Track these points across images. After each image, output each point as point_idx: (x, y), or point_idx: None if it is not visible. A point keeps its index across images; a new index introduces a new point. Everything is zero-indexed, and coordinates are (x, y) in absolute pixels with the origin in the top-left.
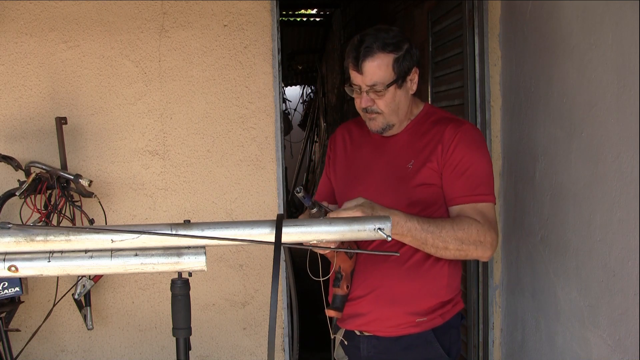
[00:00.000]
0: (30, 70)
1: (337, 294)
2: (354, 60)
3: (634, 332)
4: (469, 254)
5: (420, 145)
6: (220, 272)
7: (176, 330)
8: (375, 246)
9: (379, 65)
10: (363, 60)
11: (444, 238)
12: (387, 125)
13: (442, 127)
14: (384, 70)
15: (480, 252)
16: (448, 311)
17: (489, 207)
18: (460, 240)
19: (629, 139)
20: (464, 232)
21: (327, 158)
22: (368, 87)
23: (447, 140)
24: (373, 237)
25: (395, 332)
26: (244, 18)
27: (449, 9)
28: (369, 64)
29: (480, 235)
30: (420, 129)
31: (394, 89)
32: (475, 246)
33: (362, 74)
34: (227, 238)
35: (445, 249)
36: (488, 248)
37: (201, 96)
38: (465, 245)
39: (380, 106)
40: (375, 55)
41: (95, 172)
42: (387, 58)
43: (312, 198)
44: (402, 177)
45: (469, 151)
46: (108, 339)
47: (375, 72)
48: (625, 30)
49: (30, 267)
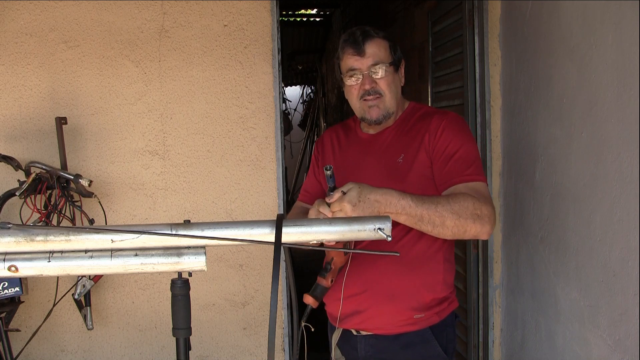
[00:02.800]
0: (30, 70)
1: (320, 284)
2: (353, 45)
3: (634, 332)
4: (468, 229)
5: (407, 139)
6: (220, 272)
7: (176, 330)
8: (374, 245)
9: (378, 47)
10: (364, 42)
11: (440, 213)
12: (387, 112)
13: (428, 118)
14: (383, 51)
15: (479, 227)
16: (444, 309)
17: (482, 185)
18: (457, 213)
19: (629, 139)
20: (460, 205)
21: (315, 160)
22: (370, 67)
23: (434, 129)
24: (373, 237)
25: (393, 330)
26: (244, 18)
27: (449, 9)
28: (370, 45)
29: (476, 207)
30: (406, 125)
31: (392, 72)
32: (473, 220)
33: (363, 55)
34: (227, 238)
35: (442, 224)
36: (486, 222)
37: (201, 96)
38: (463, 220)
39: (383, 86)
40: (374, 38)
41: (95, 172)
42: (383, 42)
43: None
44: (394, 171)
45: (455, 136)
46: (108, 339)
47: (377, 52)
48: (625, 30)
49: (30, 267)
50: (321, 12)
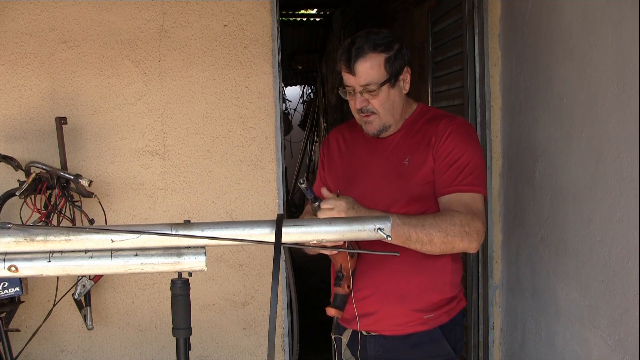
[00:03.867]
0: (30, 70)
1: (338, 293)
2: (346, 62)
3: (634, 332)
4: (455, 245)
5: (414, 141)
6: (220, 272)
7: (176, 330)
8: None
9: (371, 65)
10: (355, 61)
11: (428, 231)
12: (383, 127)
13: (436, 122)
14: (376, 70)
15: (467, 243)
16: (453, 308)
17: (475, 197)
18: (444, 231)
19: (629, 139)
20: (447, 223)
21: (321, 162)
22: (362, 87)
23: (440, 132)
24: (373, 237)
25: (403, 331)
26: (244, 18)
27: (449, 9)
28: (361, 64)
29: (464, 225)
30: (414, 127)
31: (387, 88)
32: (461, 237)
33: (354, 75)
34: (227, 238)
35: (430, 242)
36: (474, 239)
37: (201, 96)
38: (450, 237)
39: (375, 106)
40: (367, 56)
41: (95, 172)
42: (378, 58)
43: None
44: (400, 174)
45: (460, 143)
46: (108, 339)
47: (368, 72)
48: (625, 30)
49: (30, 267)
50: (321, 12)
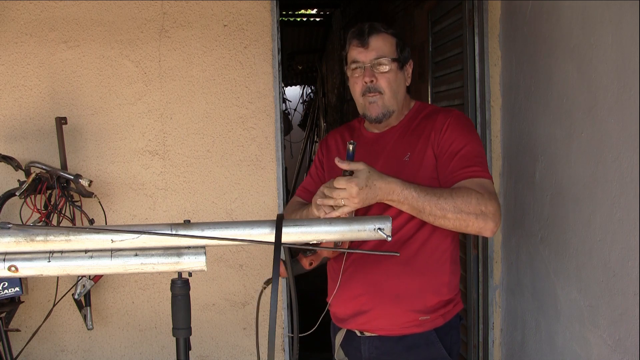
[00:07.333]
0: (30, 70)
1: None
2: (359, 37)
3: (634, 332)
4: (470, 224)
5: (413, 138)
6: (220, 272)
7: (176, 330)
8: (376, 245)
9: (384, 41)
10: (369, 35)
11: (442, 206)
12: (386, 111)
13: (434, 117)
14: (389, 46)
15: (482, 223)
16: (449, 311)
17: (487, 181)
18: (459, 208)
19: (629, 139)
20: (463, 199)
21: (318, 162)
22: (374, 60)
23: (439, 126)
24: (373, 237)
25: (398, 332)
26: (244, 18)
27: (449, 9)
28: (375, 38)
29: (480, 204)
30: (412, 124)
31: (395, 69)
32: (476, 216)
33: (367, 48)
34: (227, 238)
35: (443, 217)
36: (490, 219)
37: (201, 96)
38: (465, 214)
39: (382, 84)
40: (381, 33)
41: (95, 172)
42: (390, 38)
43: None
44: (400, 169)
45: (460, 134)
46: (108, 339)
47: (381, 47)
48: (625, 30)
49: (30, 267)
50: (321, 12)
